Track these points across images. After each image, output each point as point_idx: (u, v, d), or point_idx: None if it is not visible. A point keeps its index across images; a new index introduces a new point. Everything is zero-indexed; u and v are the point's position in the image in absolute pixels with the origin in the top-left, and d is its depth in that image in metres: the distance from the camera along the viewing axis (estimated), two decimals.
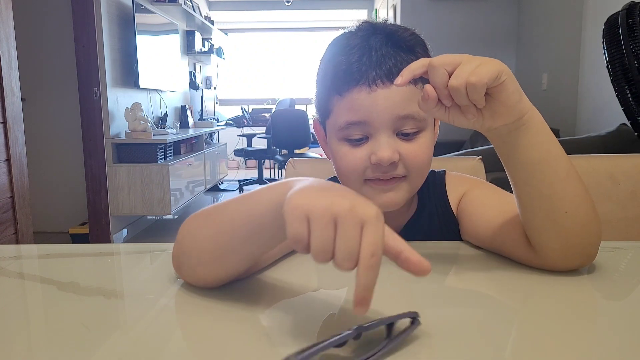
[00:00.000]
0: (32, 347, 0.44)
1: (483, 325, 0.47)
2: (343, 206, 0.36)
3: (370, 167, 0.65)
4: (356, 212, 0.36)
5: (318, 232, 0.36)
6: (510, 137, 0.54)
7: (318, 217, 0.36)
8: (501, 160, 0.58)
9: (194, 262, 0.52)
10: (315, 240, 0.36)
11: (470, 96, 0.49)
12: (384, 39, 0.66)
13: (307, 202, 0.37)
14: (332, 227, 0.36)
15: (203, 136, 4.41)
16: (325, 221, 0.36)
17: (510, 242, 0.62)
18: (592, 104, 3.10)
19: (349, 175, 0.68)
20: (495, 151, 0.58)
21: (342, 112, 0.66)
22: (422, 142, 0.66)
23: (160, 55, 4.02)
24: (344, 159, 0.67)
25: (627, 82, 1.74)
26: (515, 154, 0.55)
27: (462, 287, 0.59)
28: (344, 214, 0.36)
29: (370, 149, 0.65)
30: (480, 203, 0.70)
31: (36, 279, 0.60)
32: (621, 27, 1.73)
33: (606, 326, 0.47)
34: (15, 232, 2.09)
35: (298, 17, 6.81)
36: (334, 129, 0.68)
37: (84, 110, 3.20)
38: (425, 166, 0.68)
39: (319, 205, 0.37)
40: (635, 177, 1.00)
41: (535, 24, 4.09)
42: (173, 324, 0.48)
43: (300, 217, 0.37)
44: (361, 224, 0.36)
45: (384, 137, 0.64)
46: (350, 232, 0.36)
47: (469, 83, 0.48)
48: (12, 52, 2.05)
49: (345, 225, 0.36)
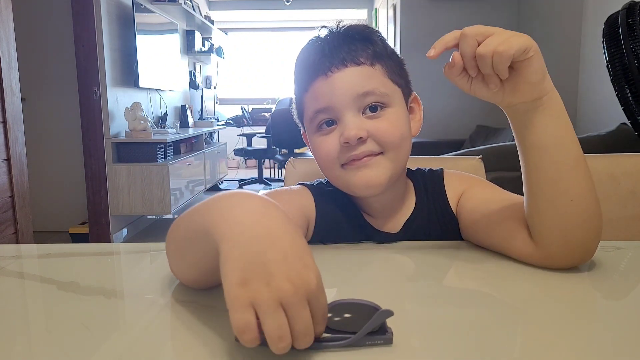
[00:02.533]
0: (32, 347, 0.44)
1: (482, 324, 0.47)
2: (287, 292, 0.36)
3: (342, 149, 0.67)
4: (299, 292, 0.36)
5: (271, 321, 0.35)
6: (527, 116, 0.56)
7: (266, 308, 0.35)
8: (516, 142, 0.59)
9: (174, 268, 0.54)
10: (271, 328, 0.35)
11: (495, 66, 0.51)
12: (337, 34, 0.70)
13: (249, 294, 0.35)
14: (280, 311, 0.36)
15: (203, 136, 4.41)
16: (274, 309, 0.35)
17: (509, 238, 0.62)
18: (592, 104, 3.10)
19: (326, 163, 0.69)
20: (512, 131, 0.59)
21: (309, 105, 0.70)
22: (390, 118, 0.68)
23: (160, 54, 4.02)
24: (319, 149, 0.70)
25: (627, 82, 1.74)
26: (529, 135, 0.56)
27: (461, 286, 0.59)
28: (290, 300, 0.36)
29: (339, 133, 0.67)
30: (480, 201, 0.70)
31: (36, 278, 0.60)
32: (621, 26, 1.73)
33: (606, 325, 0.47)
34: (15, 232, 2.09)
35: (298, 17, 6.81)
36: (309, 126, 0.72)
37: (83, 109, 3.20)
38: (400, 141, 0.68)
39: (264, 298, 0.35)
40: (635, 177, 1.00)
41: (534, 24, 4.09)
42: (173, 323, 0.48)
43: (245, 306, 0.35)
44: (307, 300, 0.37)
45: (348, 116, 0.66)
46: (300, 313, 0.36)
47: (497, 52, 0.49)
48: (12, 52, 2.05)
49: (293, 308, 0.36)
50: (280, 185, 4.35)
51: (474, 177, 0.78)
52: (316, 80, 0.68)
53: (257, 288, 0.36)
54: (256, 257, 0.37)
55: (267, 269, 0.36)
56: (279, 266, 0.36)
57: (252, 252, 0.37)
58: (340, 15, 6.68)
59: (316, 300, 0.37)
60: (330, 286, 0.57)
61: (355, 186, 0.68)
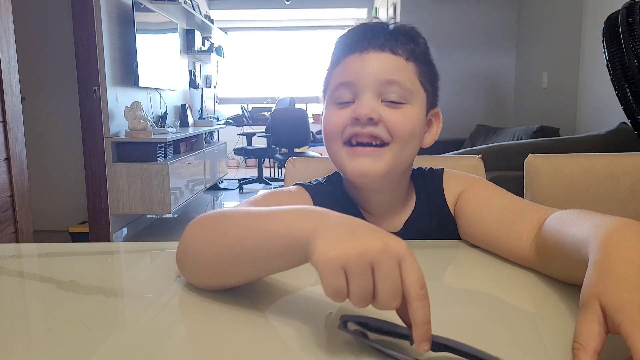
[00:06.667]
0: (32, 346, 0.43)
1: (481, 323, 0.47)
2: (376, 249, 0.36)
3: (350, 124, 0.66)
4: (390, 251, 0.37)
5: (357, 281, 0.36)
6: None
7: (355, 267, 0.36)
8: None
9: (195, 269, 0.52)
10: (357, 289, 0.36)
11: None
12: (384, 26, 0.71)
13: (341, 254, 0.37)
14: (369, 272, 0.36)
15: (203, 135, 4.41)
16: (363, 269, 0.36)
17: (508, 246, 0.62)
18: (592, 103, 3.10)
19: (331, 134, 0.69)
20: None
21: (335, 77, 0.70)
22: (407, 113, 0.68)
23: (160, 54, 4.02)
24: (329, 119, 0.70)
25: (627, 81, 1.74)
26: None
27: (459, 285, 0.59)
28: (379, 257, 0.36)
29: (352, 109, 0.67)
30: (479, 204, 0.70)
31: (36, 277, 0.60)
32: (621, 25, 1.73)
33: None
34: (15, 231, 2.09)
35: (298, 16, 6.80)
36: (329, 97, 0.71)
37: (83, 109, 3.20)
38: (409, 137, 0.68)
39: (354, 254, 0.36)
40: (635, 176, 1.00)
41: (535, 23, 4.08)
42: (173, 322, 0.48)
43: (336, 270, 0.36)
44: (398, 262, 0.37)
45: (367, 96, 0.66)
46: (391, 272, 0.36)
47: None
48: (11, 51, 2.05)
49: (384, 268, 0.36)
50: (280, 184, 4.35)
51: (474, 177, 0.78)
52: (350, 55, 0.69)
53: (347, 248, 0.37)
54: (352, 229, 0.39)
55: (360, 236, 0.38)
56: (371, 234, 0.38)
57: (347, 229, 0.39)
58: (340, 15, 6.69)
59: (410, 264, 0.37)
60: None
61: (350, 172, 0.68)
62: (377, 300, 0.37)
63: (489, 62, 4.45)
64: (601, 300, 0.36)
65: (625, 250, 0.40)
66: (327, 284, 0.37)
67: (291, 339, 0.43)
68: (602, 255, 0.40)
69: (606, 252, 0.40)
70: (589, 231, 0.45)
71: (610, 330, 0.35)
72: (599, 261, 0.40)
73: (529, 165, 1.03)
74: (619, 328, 0.34)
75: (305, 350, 0.41)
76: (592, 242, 0.43)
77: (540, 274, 0.58)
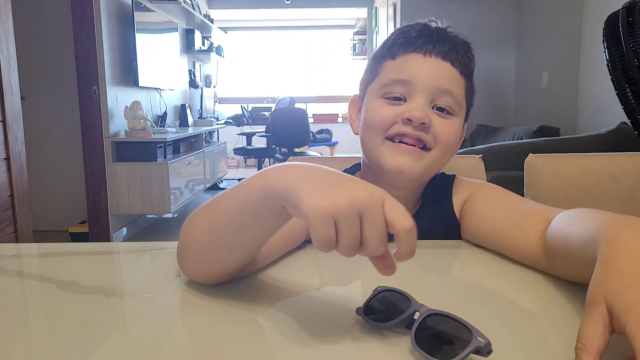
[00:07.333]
0: (32, 346, 0.43)
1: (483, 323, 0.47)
2: (363, 198, 0.38)
3: (400, 122, 0.67)
4: (375, 198, 0.38)
5: (347, 230, 0.37)
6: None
7: (346, 216, 0.37)
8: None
9: (194, 257, 0.52)
10: (346, 238, 0.37)
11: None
12: (446, 32, 0.73)
13: (331, 204, 0.37)
14: (358, 221, 0.37)
15: (203, 135, 4.41)
16: (353, 218, 0.37)
17: (514, 244, 0.62)
18: (593, 102, 3.10)
19: (376, 127, 0.69)
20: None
21: (390, 72, 0.71)
22: (454, 124, 0.70)
23: (160, 53, 4.02)
24: (376, 112, 0.70)
25: (627, 81, 1.74)
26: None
27: (461, 285, 0.59)
28: (367, 206, 0.37)
29: (404, 109, 0.68)
30: (486, 203, 0.71)
31: (36, 277, 0.60)
32: (621, 25, 1.73)
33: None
34: (14, 231, 2.08)
35: (297, 16, 6.80)
36: (376, 89, 0.72)
37: (83, 108, 3.20)
38: (450, 146, 0.70)
39: (344, 204, 0.37)
40: (635, 176, 1.00)
41: (535, 22, 4.08)
42: (173, 322, 0.48)
43: (326, 220, 0.37)
44: (381, 205, 0.38)
45: (421, 99, 0.67)
46: (378, 218, 0.37)
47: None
48: (11, 50, 2.05)
49: (372, 215, 0.37)
50: None
51: (484, 182, 0.79)
52: (412, 53, 0.70)
53: (337, 198, 0.37)
54: (332, 180, 0.40)
55: (344, 186, 0.39)
56: (353, 184, 0.39)
57: (328, 180, 0.40)
58: (340, 15, 6.69)
59: (391, 202, 0.38)
60: (330, 284, 0.57)
61: (389, 166, 0.68)
62: (366, 247, 0.38)
63: (489, 62, 4.45)
64: (608, 300, 0.36)
65: (634, 250, 0.39)
66: (319, 234, 0.37)
67: (291, 339, 0.43)
68: (610, 255, 0.40)
69: (614, 251, 0.40)
70: (598, 229, 0.45)
71: (616, 330, 0.35)
72: (606, 260, 0.40)
73: (529, 165, 1.03)
74: (625, 329, 0.34)
75: (305, 350, 0.41)
76: (601, 239, 0.43)
77: (545, 274, 0.58)
